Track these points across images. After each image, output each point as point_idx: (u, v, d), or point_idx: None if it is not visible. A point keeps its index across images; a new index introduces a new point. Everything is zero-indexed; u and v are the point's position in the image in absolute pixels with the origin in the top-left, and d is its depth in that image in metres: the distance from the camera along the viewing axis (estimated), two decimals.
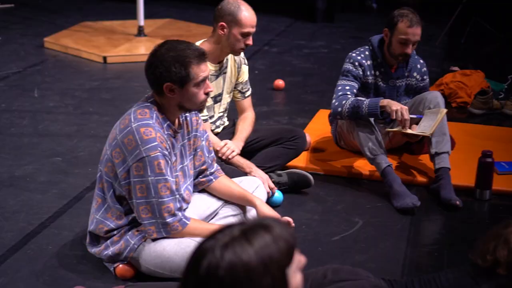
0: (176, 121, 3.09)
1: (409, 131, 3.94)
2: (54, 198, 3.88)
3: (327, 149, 4.52)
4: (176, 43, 3.00)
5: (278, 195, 3.84)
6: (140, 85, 5.88)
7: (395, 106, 3.91)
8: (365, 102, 3.97)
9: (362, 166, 4.25)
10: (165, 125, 3.01)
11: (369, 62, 4.19)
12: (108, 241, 3.08)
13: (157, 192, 2.93)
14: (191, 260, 1.58)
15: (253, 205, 3.28)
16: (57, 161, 4.37)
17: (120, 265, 3.08)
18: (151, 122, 2.95)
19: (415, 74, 4.28)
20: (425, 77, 4.32)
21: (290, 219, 3.32)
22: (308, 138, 4.37)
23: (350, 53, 4.24)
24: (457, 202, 3.81)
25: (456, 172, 4.08)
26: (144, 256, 3.04)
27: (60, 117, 5.16)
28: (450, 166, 4.00)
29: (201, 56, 2.98)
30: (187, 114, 3.17)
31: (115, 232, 3.07)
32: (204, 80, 2.99)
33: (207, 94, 3.03)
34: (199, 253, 1.57)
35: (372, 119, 4.04)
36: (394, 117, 3.91)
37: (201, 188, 3.36)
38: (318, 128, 4.83)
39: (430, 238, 3.61)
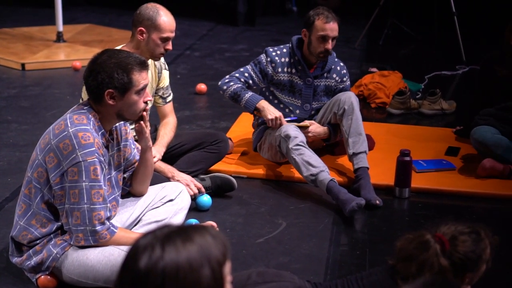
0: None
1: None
2: None
3: (250, 152, 4.54)
4: (117, 51, 3.02)
5: (207, 199, 3.84)
6: (60, 92, 5.79)
7: (270, 115, 4.14)
8: (246, 95, 4.20)
9: (284, 168, 4.30)
10: (100, 133, 2.99)
11: (284, 60, 4.27)
12: (31, 251, 3.03)
13: (89, 198, 2.90)
14: (128, 256, 1.60)
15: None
16: None
17: (42, 276, 3.04)
18: (88, 127, 2.92)
19: (334, 75, 4.36)
20: (344, 79, 4.40)
21: (214, 223, 3.34)
22: (230, 141, 4.40)
23: (268, 47, 4.35)
24: (377, 202, 3.89)
25: (376, 171, 4.16)
26: (67, 265, 3.00)
27: None
28: (369, 166, 4.09)
29: (143, 64, 2.99)
30: (117, 124, 3.14)
31: (38, 241, 3.03)
32: (144, 88, 3.00)
33: (146, 103, 3.04)
34: (137, 249, 1.59)
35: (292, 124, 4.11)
36: (270, 125, 4.17)
37: (131, 182, 3.32)
38: (240, 131, 4.86)
39: (352, 237, 3.66)
